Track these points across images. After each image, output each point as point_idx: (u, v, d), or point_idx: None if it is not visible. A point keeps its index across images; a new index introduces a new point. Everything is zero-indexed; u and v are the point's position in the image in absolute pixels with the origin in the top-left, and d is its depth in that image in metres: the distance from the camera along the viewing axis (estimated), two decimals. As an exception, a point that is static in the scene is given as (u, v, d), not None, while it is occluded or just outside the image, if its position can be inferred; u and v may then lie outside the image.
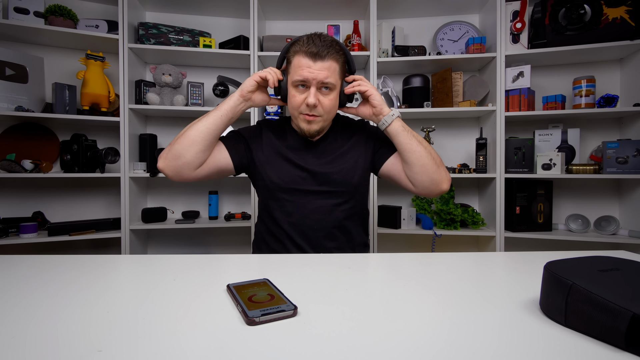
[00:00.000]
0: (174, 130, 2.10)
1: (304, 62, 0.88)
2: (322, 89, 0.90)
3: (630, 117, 1.86)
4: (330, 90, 0.90)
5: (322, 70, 0.87)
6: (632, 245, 1.73)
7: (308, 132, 0.94)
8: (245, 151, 0.99)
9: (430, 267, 0.67)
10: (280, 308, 0.44)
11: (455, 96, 1.93)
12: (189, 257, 0.73)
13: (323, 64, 0.87)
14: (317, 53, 0.87)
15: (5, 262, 0.69)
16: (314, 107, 0.89)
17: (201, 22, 2.09)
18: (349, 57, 0.95)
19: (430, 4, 1.98)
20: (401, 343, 0.37)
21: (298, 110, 0.92)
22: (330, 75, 0.88)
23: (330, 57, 0.88)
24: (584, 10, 1.73)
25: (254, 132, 1.02)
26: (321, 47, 0.87)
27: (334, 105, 0.93)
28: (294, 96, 0.91)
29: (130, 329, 0.40)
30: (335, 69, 0.90)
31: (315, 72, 0.87)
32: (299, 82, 0.89)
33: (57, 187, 1.96)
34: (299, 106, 0.91)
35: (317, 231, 0.96)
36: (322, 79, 0.87)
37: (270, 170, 0.97)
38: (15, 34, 1.76)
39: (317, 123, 0.93)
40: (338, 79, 0.92)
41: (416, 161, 0.91)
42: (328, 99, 0.91)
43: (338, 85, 0.92)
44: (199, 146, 0.89)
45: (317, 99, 0.89)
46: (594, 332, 0.38)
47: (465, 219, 1.89)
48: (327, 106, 0.91)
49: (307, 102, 0.89)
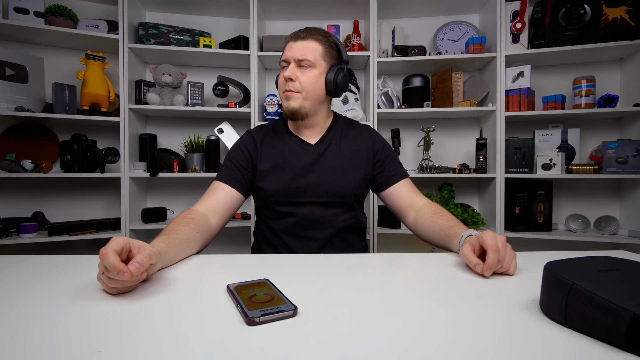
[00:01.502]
0: (174, 130, 2.10)
1: (288, 45, 0.94)
2: (302, 66, 0.92)
3: (630, 117, 1.86)
4: (309, 67, 0.92)
5: (300, 48, 0.91)
6: (632, 245, 1.73)
7: (287, 109, 0.94)
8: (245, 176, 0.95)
9: (430, 267, 0.67)
10: (280, 308, 0.44)
11: (455, 96, 1.93)
12: (189, 257, 0.73)
13: (303, 42, 0.92)
14: (298, 34, 0.93)
15: (5, 262, 0.69)
16: (291, 80, 0.91)
17: (201, 22, 2.09)
18: (338, 44, 0.97)
19: (430, 4, 1.98)
20: (401, 343, 0.37)
21: (281, 90, 0.95)
22: (309, 53, 0.91)
23: (311, 37, 0.93)
24: (584, 10, 1.73)
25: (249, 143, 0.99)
26: (304, 30, 0.94)
27: (314, 82, 0.92)
28: (280, 77, 0.95)
29: (130, 329, 0.40)
30: (317, 49, 0.92)
31: (295, 50, 0.91)
32: (283, 63, 0.94)
33: (57, 187, 1.96)
34: (282, 85, 0.94)
35: (316, 242, 0.94)
36: (300, 54, 0.91)
37: (268, 181, 0.94)
38: (15, 34, 1.76)
39: (296, 100, 0.92)
40: (320, 60, 0.93)
41: (425, 238, 0.92)
42: (306, 75, 0.92)
43: (320, 66, 0.93)
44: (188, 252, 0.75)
45: (295, 74, 0.91)
46: (594, 332, 0.38)
47: (465, 219, 1.89)
48: (305, 82, 0.92)
49: (284, 76, 0.92)
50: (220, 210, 0.89)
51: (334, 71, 0.94)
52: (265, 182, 0.95)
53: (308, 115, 0.95)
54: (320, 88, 0.94)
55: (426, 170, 1.92)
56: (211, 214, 0.87)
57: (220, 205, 0.90)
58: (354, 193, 0.96)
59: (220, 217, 0.89)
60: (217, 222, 0.88)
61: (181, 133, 2.10)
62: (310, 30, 0.93)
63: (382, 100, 1.95)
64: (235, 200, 0.93)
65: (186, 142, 2.02)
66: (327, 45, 0.94)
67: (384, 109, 1.91)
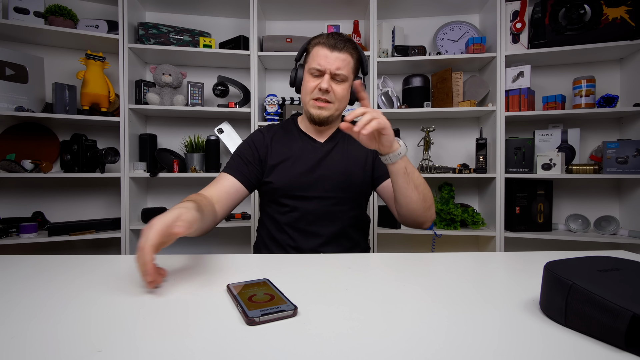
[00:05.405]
0: (174, 130, 2.10)
1: (322, 52, 0.93)
2: (335, 79, 0.93)
3: (630, 117, 1.86)
4: (342, 81, 0.94)
5: (337, 60, 0.92)
6: (632, 245, 1.73)
7: (318, 117, 0.96)
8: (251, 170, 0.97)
9: (430, 267, 0.67)
10: (280, 308, 0.44)
11: (455, 96, 1.93)
12: (189, 257, 0.73)
13: (339, 54, 0.92)
14: (335, 45, 0.92)
15: (5, 262, 0.69)
16: (327, 92, 0.93)
17: (201, 22, 2.09)
18: (363, 57, 1.00)
19: (430, 4, 1.98)
20: (401, 343, 0.37)
21: (310, 96, 0.95)
22: (344, 66, 0.93)
23: (347, 50, 0.93)
24: (584, 10, 1.73)
25: (258, 140, 1.01)
26: (339, 41, 0.93)
27: (345, 95, 0.96)
28: (308, 82, 0.95)
29: (130, 329, 0.40)
30: (350, 63, 0.94)
31: (331, 61, 0.92)
32: (315, 70, 0.93)
33: (57, 187, 1.96)
34: (312, 91, 0.94)
35: (321, 237, 0.96)
36: (337, 67, 0.92)
37: (277, 175, 0.97)
38: (15, 34, 1.76)
39: (328, 110, 0.95)
40: (351, 73, 0.96)
41: (405, 205, 0.87)
42: (340, 87, 0.94)
43: (350, 79, 0.96)
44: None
45: (330, 85, 0.92)
46: (594, 332, 0.38)
47: (465, 219, 1.89)
48: (339, 94, 0.94)
49: (320, 87, 0.92)
50: (223, 199, 0.90)
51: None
52: (274, 176, 0.97)
53: (332, 122, 1.01)
54: (347, 99, 0.99)
55: (426, 170, 1.92)
56: (215, 200, 0.88)
57: (223, 195, 0.91)
58: (360, 189, 1.00)
59: (222, 205, 0.90)
60: (220, 210, 0.89)
61: (181, 133, 2.10)
62: (345, 42, 0.94)
63: (382, 100, 1.95)
64: (238, 192, 0.94)
65: (186, 142, 2.02)
66: (356, 58, 0.97)
67: (384, 109, 1.91)
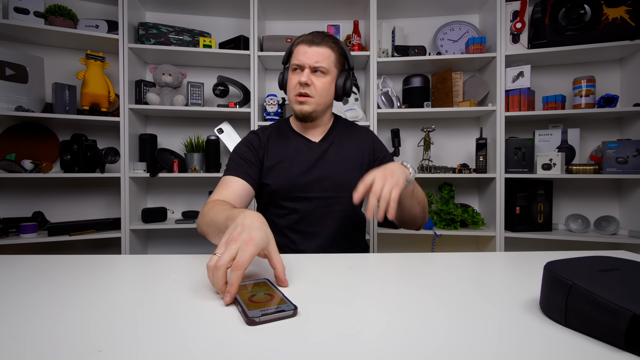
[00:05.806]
0: (174, 130, 2.10)
1: (301, 49, 0.94)
2: (317, 72, 0.94)
3: (630, 117, 1.86)
4: (323, 74, 0.94)
5: (315, 54, 0.93)
6: (632, 245, 1.73)
7: (300, 112, 0.96)
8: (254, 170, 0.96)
9: (430, 267, 0.67)
10: (280, 308, 0.44)
11: (455, 96, 1.93)
12: (189, 257, 0.73)
13: (318, 49, 0.93)
14: (313, 40, 0.94)
15: (5, 262, 0.69)
16: (306, 85, 0.93)
17: (201, 22, 2.09)
18: (346, 51, 1.00)
19: (430, 4, 1.98)
20: (401, 343, 0.37)
21: (293, 92, 0.96)
22: (324, 60, 0.93)
23: (326, 44, 0.94)
24: (584, 10, 1.73)
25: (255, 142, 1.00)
26: (317, 36, 0.95)
27: (327, 89, 0.96)
28: (291, 79, 0.96)
29: (130, 329, 0.40)
30: (330, 56, 0.95)
31: (310, 55, 0.93)
32: (295, 66, 0.94)
33: (57, 187, 1.96)
34: (294, 87, 0.95)
35: (320, 238, 0.96)
36: (315, 60, 0.92)
37: (274, 177, 0.97)
38: (15, 34, 1.76)
39: (309, 104, 0.95)
40: (332, 67, 0.96)
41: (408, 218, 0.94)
42: (321, 81, 0.94)
43: (332, 72, 0.96)
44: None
45: (310, 79, 0.93)
46: (594, 332, 0.38)
47: (465, 219, 1.89)
48: (319, 87, 0.94)
49: (299, 80, 0.92)
50: (237, 202, 0.87)
51: (343, 78, 0.98)
52: (271, 178, 0.97)
53: (317, 118, 1.00)
54: (331, 93, 0.98)
55: (426, 170, 1.92)
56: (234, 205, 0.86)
57: (237, 198, 0.88)
58: None
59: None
60: None
61: (181, 133, 2.10)
62: (323, 37, 0.95)
63: (382, 100, 1.94)
64: (248, 194, 0.93)
65: (186, 142, 2.02)
66: (338, 52, 0.97)
67: (384, 109, 1.91)
